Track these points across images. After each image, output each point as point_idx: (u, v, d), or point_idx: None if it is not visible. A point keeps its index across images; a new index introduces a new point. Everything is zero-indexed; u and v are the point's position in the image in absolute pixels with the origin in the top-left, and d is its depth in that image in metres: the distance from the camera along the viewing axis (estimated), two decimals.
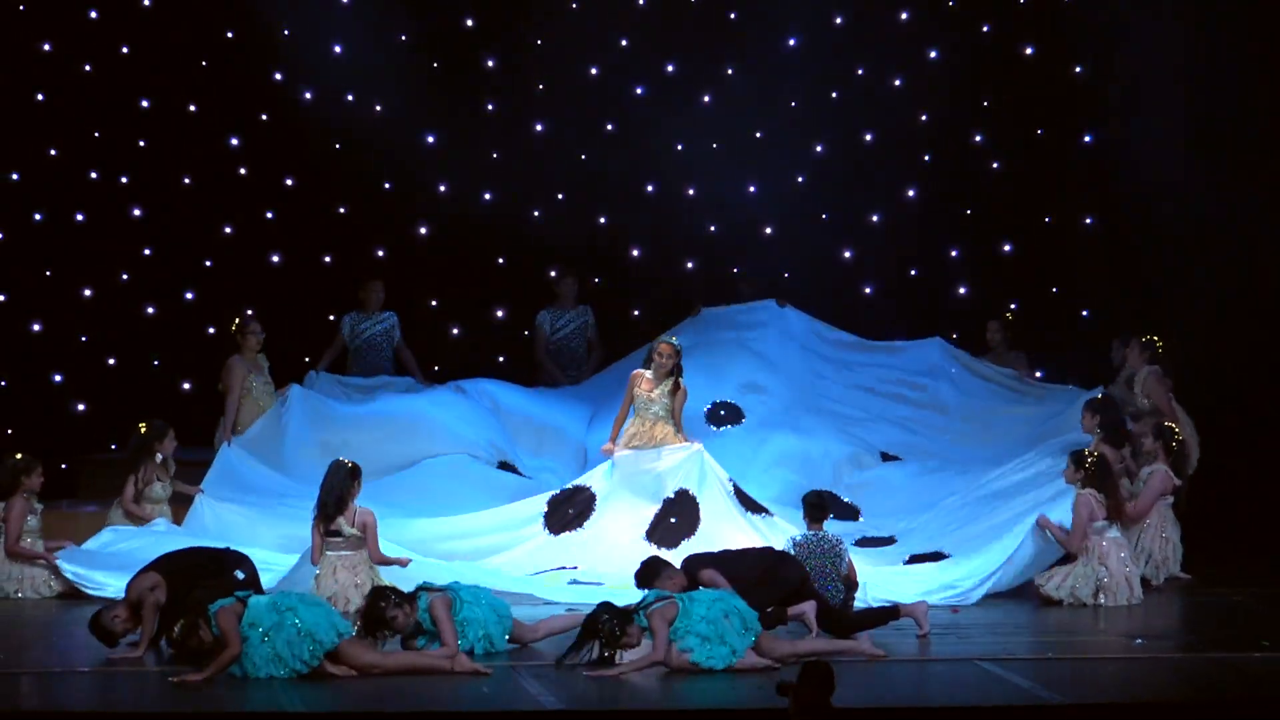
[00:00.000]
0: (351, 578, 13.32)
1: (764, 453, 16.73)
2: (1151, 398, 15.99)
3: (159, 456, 15.58)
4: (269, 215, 19.87)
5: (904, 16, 19.73)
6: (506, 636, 12.30)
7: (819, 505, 13.46)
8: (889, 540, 15.47)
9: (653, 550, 14.25)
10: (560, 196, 20.17)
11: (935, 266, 19.93)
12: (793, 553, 13.17)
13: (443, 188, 20.07)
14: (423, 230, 20.06)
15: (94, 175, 19.37)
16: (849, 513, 16.06)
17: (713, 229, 20.24)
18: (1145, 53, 18.40)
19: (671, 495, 15.04)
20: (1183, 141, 18.26)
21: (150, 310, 19.49)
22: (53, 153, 19.21)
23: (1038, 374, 18.09)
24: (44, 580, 14.59)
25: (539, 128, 20.05)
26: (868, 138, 20.05)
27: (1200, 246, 18.23)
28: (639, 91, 20.16)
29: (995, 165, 19.77)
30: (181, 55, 19.42)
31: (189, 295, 19.53)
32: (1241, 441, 17.52)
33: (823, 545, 13.27)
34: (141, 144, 19.50)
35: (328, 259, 19.91)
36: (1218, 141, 18.28)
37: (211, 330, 19.05)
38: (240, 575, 12.58)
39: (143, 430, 15.66)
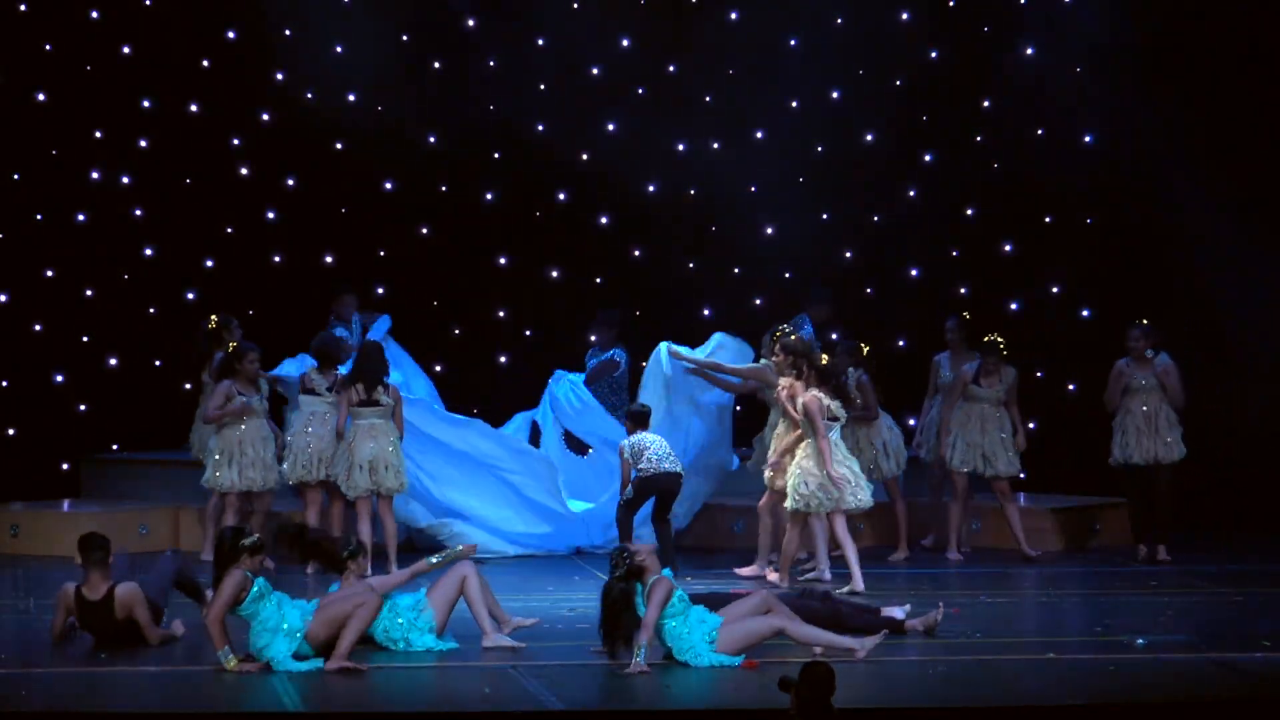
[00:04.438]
0: (384, 441, 15.49)
1: None
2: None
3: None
4: (270, 216, 19.90)
5: (904, 16, 19.75)
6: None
7: (641, 414, 15.44)
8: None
9: None
10: (561, 197, 20.20)
11: (936, 267, 19.93)
12: (626, 454, 15.13)
13: (444, 188, 20.10)
14: (424, 230, 20.08)
15: (95, 175, 19.38)
16: None
17: (714, 229, 20.26)
18: (1145, 52, 18.44)
19: None
20: (1181, 140, 18.31)
21: (151, 310, 19.52)
22: (54, 153, 19.22)
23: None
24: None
25: (540, 128, 20.07)
26: (868, 138, 20.06)
27: (1200, 246, 18.25)
28: (640, 91, 20.17)
29: (995, 165, 19.77)
30: (183, 55, 19.45)
31: (190, 295, 19.55)
32: (1241, 441, 17.55)
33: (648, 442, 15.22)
34: (143, 144, 19.52)
35: (329, 259, 19.93)
36: (1217, 139, 18.31)
37: None
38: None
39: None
